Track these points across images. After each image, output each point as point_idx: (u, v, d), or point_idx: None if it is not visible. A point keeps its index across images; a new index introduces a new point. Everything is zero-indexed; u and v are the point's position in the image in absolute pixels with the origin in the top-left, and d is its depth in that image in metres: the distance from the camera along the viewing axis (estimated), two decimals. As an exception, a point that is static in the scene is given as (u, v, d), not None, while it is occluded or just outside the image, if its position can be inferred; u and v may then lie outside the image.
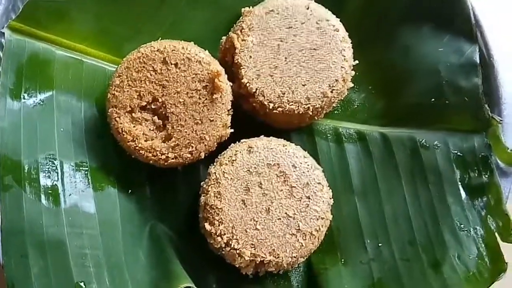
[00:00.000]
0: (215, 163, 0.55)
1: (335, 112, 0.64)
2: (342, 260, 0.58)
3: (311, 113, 0.57)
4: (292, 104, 0.56)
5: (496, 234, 0.55)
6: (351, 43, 0.59)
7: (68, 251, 0.50)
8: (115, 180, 0.57)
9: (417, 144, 0.60)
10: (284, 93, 0.56)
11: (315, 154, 0.61)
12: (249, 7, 0.60)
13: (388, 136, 0.62)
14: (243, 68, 0.57)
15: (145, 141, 0.55)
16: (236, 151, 0.54)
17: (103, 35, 0.61)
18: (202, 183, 0.56)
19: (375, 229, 0.58)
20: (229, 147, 0.57)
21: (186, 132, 0.54)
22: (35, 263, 0.49)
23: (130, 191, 0.58)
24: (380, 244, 0.58)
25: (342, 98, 0.60)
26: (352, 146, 0.62)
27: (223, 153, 0.56)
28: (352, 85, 0.60)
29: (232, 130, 0.57)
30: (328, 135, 0.63)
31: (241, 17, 0.60)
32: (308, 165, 0.54)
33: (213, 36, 0.62)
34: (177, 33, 0.62)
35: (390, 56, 0.63)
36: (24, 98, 0.55)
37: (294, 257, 0.52)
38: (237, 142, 0.57)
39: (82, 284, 0.49)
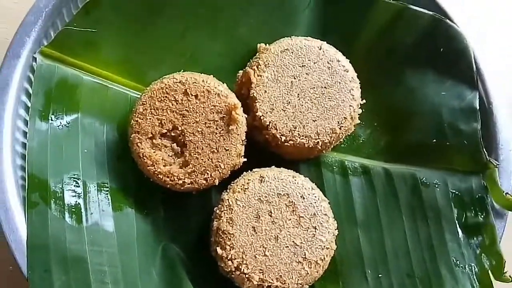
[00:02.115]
0: (228, 190, 0.59)
1: (342, 145, 0.67)
2: (343, 288, 0.61)
3: (320, 147, 0.61)
4: (302, 138, 0.60)
5: (490, 272, 0.59)
6: (359, 83, 0.63)
7: (88, 268, 0.53)
8: (133, 201, 0.60)
9: (418, 181, 0.64)
10: (295, 127, 0.60)
11: (321, 185, 0.65)
12: (265, 44, 0.65)
13: (391, 171, 0.65)
14: (258, 102, 0.60)
15: (163, 166, 0.58)
16: (248, 179, 0.58)
17: (127, 63, 0.64)
18: (215, 208, 0.59)
19: (376, 260, 0.62)
20: (241, 175, 0.60)
21: (202, 159, 0.58)
22: (58, 278, 0.51)
23: (146, 212, 0.61)
24: (380, 275, 0.61)
25: (349, 134, 0.64)
26: (356, 179, 0.66)
27: (236, 180, 0.60)
28: (359, 121, 0.64)
29: (245, 159, 0.60)
30: (334, 167, 0.66)
31: (257, 54, 0.64)
32: (315, 196, 0.58)
33: (229, 68, 0.66)
34: (196, 64, 0.66)
35: (395, 97, 0.67)
36: (51, 120, 0.59)
37: (300, 284, 0.55)
38: (249, 171, 0.61)
39: (100, 299, 0.52)
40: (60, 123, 0.59)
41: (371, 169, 0.66)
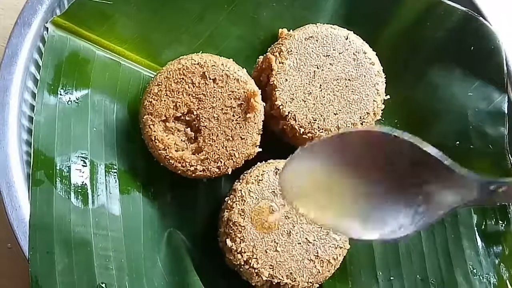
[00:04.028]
0: (241, 180, 0.56)
1: (359, 141, 0.65)
2: (353, 289, 0.59)
3: (339, 142, 0.58)
4: (322, 132, 0.57)
5: (508, 284, 0.57)
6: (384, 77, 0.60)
7: (93, 252, 0.51)
8: (141, 184, 0.58)
9: (437, 184, 0.62)
10: (315, 120, 0.57)
11: (335, 180, 0.62)
12: (288, 30, 0.62)
13: (409, 171, 0.63)
14: (278, 90, 0.58)
15: (175, 151, 0.56)
16: (263, 171, 0.56)
17: (142, 41, 0.61)
18: (226, 198, 0.57)
19: (388, 262, 0.60)
20: (256, 166, 0.58)
21: (216, 147, 0.56)
22: (60, 260, 0.49)
23: (153, 196, 0.59)
24: (391, 278, 0.59)
25: (369, 129, 0.62)
26: (372, 177, 0.63)
27: (249, 171, 0.57)
28: (380, 117, 0.61)
29: (260, 150, 0.58)
30: (350, 163, 0.64)
31: (280, 40, 0.61)
32: (331, 193, 0.56)
33: (248, 52, 0.64)
34: (213, 46, 0.63)
35: (419, 94, 0.64)
36: (60, 94, 0.56)
37: (310, 282, 0.53)
38: (263, 162, 0.58)
39: (103, 286, 0.50)
40: (69, 98, 0.57)
41: (388, 167, 0.64)
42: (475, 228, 0.60)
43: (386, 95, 0.60)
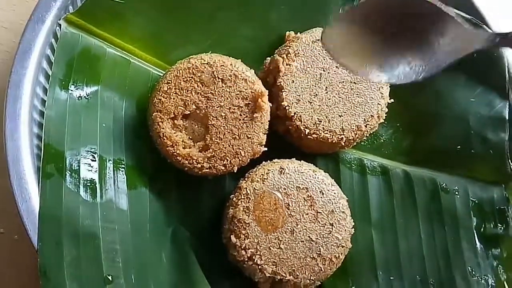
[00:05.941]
0: (246, 179, 0.58)
1: (362, 143, 0.66)
2: (353, 287, 0.60)
3: (343, 143, 0.59)
4: (326, 133, 0.59)
5: (506, 285, 0.58)
6: (388, 81, 0.61)
7: (100, 245, 0.52)
8: (147, 180, 0.59)
9: (438, 187, 0.63)
10: (320, 121, 0.59)
11: (338, 181, 0.63)
12: (296, 33, 0.63)
13: (411, 174, 0.64)
14: (285, 91, 0.59)
15: (183, 148, 0.57)
16: (268, 170, 0.57)
17: (153, 40, 0.62)
18: (231, 196, 0.58)
19: (389, 262, 0.61)
20: (261, 165, 0.59)
21: (223, 145, 0.57)
22: (69, 252, 0.50)
23: (159, 192, 0.60)
24: (391, 278, 0.60)
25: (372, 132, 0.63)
26: (374, 179, 0.65)
27: (255, 169, 0.58)
28: (383, 120, 0.62)
29: (265, 149, 0.59)
30: (353, 165, 0.65)
31: (287, 42, 0.62)
32: (334, 193, 0.57)
33: (255, 53, 0.65)
34: (222, 46, 0.64)
35: (422, 98, 0.65)
36: (71, 90, 0.57)
37: (312, 280, 0.54)
38: (269, 161, 0.60)
39: (110, 278, 0.51)
40: (80, 94, 0.58)
41: (390, 170, 0.65)
42: (474, 231, 0.61)
43: (390, 99, 0.61)
